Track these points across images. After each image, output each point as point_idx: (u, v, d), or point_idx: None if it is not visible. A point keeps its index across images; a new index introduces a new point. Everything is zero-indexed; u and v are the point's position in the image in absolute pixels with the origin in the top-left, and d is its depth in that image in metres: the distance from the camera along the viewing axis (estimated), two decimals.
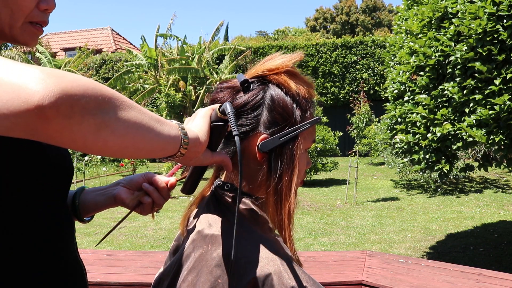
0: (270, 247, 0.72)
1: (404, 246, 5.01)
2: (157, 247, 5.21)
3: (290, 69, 0.77)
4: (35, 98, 0.43)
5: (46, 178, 0.71)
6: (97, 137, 0.48)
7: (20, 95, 0.43)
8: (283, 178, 0.74)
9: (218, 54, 13.69)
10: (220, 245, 0.70)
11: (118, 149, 0.52)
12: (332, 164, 9.76)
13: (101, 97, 0.48)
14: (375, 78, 14.77)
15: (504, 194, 7.88)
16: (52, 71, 0.46)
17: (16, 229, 0.66)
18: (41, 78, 0.44)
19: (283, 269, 0.69)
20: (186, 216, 0.84)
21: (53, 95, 0.43)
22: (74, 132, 0.46)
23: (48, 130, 0.45)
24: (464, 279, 1.85)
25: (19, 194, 0.66)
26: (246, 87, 0.74)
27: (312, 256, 2.28)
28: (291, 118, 0.75)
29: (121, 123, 0.50)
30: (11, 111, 0.42)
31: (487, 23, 2.59)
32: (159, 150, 0.58)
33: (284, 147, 0.74)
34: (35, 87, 0.43)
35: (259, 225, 0.75)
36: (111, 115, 0.49)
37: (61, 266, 0.73)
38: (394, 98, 3.64)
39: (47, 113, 0.43)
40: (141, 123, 0.53)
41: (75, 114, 0.45)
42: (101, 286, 1.91)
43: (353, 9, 40.66)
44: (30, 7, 0.67)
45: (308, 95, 0.78)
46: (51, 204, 0.72)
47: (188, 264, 0.71)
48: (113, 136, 0.49)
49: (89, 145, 0.48)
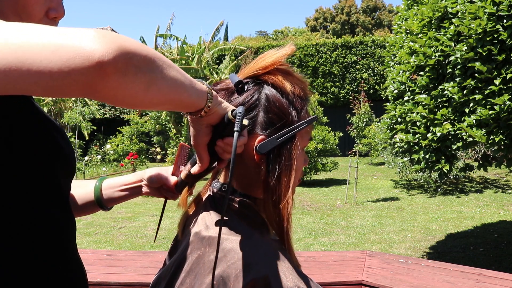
0: (268, 249, 0.71)
1: (404, 246, 5.01)
2: (157, 247, 5.21)
3: (284, 68, 0.76)
4: (96, 55, 0.45)
5: (59, 177, 0.71)
6: (146, 94, 0.52)
7: (81, 53, 0.45)
8: (281, 179, 0.73)
9: (218, 54, 13.70)
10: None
11: (160, 104, 0.56)
12: (332, 164, 9.76)
13: (149, 57, 0.51)
14: (375, 78, 14.77)
15: (504, 194, 7.88)
16: (104, 32, 0.48)
17: (23, 228, 0.66)
18: (98, 37, 0.47)
19: (281, 271, 0.68)
20: (184, 217, 0.84)
21: (112, 53, 0.46)
22: (127, 89, 0.49)
23: (105, 87, 0.47)
24: (464, 279, 1.85)
25: (30, 192, 0.67)
26: (240, 88, 0.73)
27: (312, 256, 2.28)
28: (287, 118, 0.74)
29: (165, 81, 0.54)
30: (72, 69, 0.45)
31: (487, 23, 2.59)
32: (190, 105, 0.63)
33: (282, 148, 0.73)
34: (95, 46, 0.46)
35: (257, 227, 0.75)
36: (157, 73, 0.52)
37: (65, 266, 0.73)
38: (394, 98, 3.64)
39: (107, 69, 0.46)
40: (180, 81, 0.57)
41: (129, 72, 0.48)
42: (101, 286, 1.91)
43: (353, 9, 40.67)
44: (39, 16, 0.68)
45: (303, 93, 0.78)
46: (57, 203, 0.72)
47: (186, 267, 0.71)
48: (158, 93, 0.53)
49: (137, 101, 0.52)
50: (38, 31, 0.47)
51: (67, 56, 0.45)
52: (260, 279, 0.66)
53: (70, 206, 0.78)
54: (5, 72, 0.45)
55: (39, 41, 0.45)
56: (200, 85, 0.63)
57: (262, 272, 0.67)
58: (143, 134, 13.19)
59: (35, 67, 0.45)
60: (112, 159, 12.71)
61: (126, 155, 11.94)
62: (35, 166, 0.67)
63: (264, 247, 0.71)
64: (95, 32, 0.47)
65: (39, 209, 0.68)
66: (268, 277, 0.66)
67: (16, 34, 0.46)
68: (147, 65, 0.51)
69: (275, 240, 0.76)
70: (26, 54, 0.45)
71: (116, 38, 0.48)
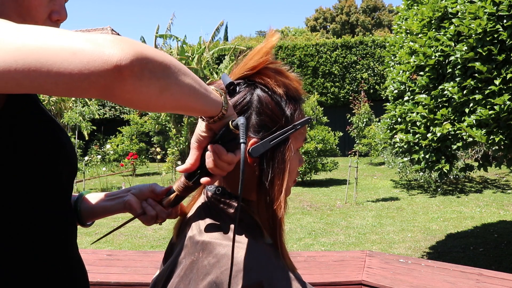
0: (261, 254, 0.70)
1: (404, 246, 5.01)
2: (157, 247, 5.21)
3: (275, 67, 0.74)
4: (114, 59, 0.48)
5: (60, 176, 0.71)
6: (159, 98, 0.54)
7: (101, 57, 0.48)
8: (275, 182, 0.72)
9: (218, 54, 13.70)
10: (211, 253, 0.68)
11: (173, 108, 0.59)
12: (332, 164, 9.75)
13: (164, 63, 0.54)
14: (375, 78, 14.77)
15: (504, 194, 7.88)
16: (122, 38, 0.51)
17: (23, 228, 0.66)
18: (117, 43, 0.49)
19: (274, 277, 0.67)
20: (180, 220, 0.84)
21: (129, 57, 0.49)
22: (142, 93, 0.52)
23: (122, 90, 0.50)
24: (464, 279, 1.85)
25: (30, 192, 0.67)
26: (232, 90, 0.72)
27: (312, 256, 2.28)
28: (280, 120, 0.72)
29: (179, 87, 0.56)
30: (92, 71, 0.48)
31: (487, 23, 2.58)
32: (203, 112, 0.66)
33: (275, 151, 0.72)
34: (113, 50, 0.49)
35: (250, 231, 0.73)
36: (172, 79, 0.55)
37: (66, 266, 0.73)
38: (394, 97, 3.64)
39: (123, 72, 0.49)
40: (194, 89, 0.60)
41: (144, 77, 0.51)
42: (101, 286, 1.91)
43: (353, 9, 40.65)
44: (42, 18, 0.69)
45: (296, 93, 0.76)
46: (58, 203, 0.72)
47: (180, 271, 0.70)
48: (171, 98, 0.56)
49: (151, 105, 0.55)
50: (58, 35, 0.49)
51: (88, 59, 0.48)
52: (253, 285, 0.65)
53: (72, 205, 0.78)
54: (23, 72, 0.47)
55: (59, 44, 0.48)
56: (215, 94, 0.65)
57: (255, 278, 0.65)
58: (143, 134, 13.18)
59: (56, 69, 0.47)
60: (112, 159, 12.70)
61: (126, 155, 11.94)
62: (35, 166, 0.67)
63: (257, 252, 0.69)
64: (114, 38, 0.50)
65: (39, 209, 0.68)
66: (261, 283, 0.65)
67: (36, 37, 0.49)
68: (162, 71, 0.53)
69: (269, 244, 0.74)
70: (46, 56, 0.48)
71: (134, 44, 0.51)
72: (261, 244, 0.72)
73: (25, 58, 0.47)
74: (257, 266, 0.67)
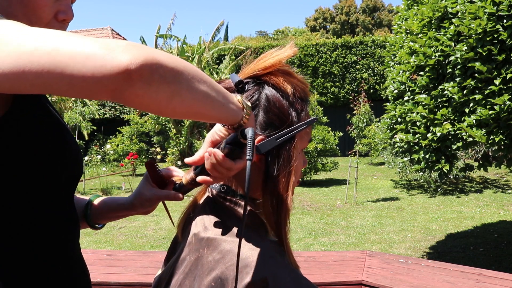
0: (266, 251, 0.70)
1: (404, 246, 5.01)
2: (157, 247, 5.21)
3: (284, 68, 0.75)
4: (124, 63, 0.49)
5: (61, 176, 0.71)
6: (169, 104, 0.55)
7: (113, 61, 0.49)
8: (280, 180, 0.73)
9: (218, 54, 13.70)
10: (216, 249, 0.69)
11: (185, 114, 0.59)
12: (332, 164, 9.75)
13: (176, 69, 0.54)
14: (375, 78, 14.76)
15: (504, 194, 7.88)
16: (135, 43, 0.53)
17: (23, 228, 0.66)
18: (129, 48, 0.51)
19: (278, 273, 0.68)
20: (184, 218, 0.84)
21: (139, 62, 0.50)
22: (152, 97, 0.52)
23: (131, 94, 0.51)
24: (464, 279, 1.85)
25: (30, 192, 0.67)
26: (241, 88, 0.73)
27: (312, 256, 2.28)
28: (287, 118, 0.74)
29: (191, 94, 0.56)
30: (104, 75, 0.49)
31: (487, 23, 2.58)
32: (220, 120, 0.66)
33: (281, 149, 0.73)
34: (125, 55, 0.50)
35: (255, 228, 0.74)
36: (183, 85, 0.55)
37: (66, 266, 0.73)
38: (394, 97, 3.64)
39: (133, 76, 0.49)
40: (210, 97, 0.59)
41: (154, 81, 0.51)
42: (101, 286, 1.91)
43: (353, 9, 40.66)
44: (48, 18, 0.69)
45: (304, 94, 0.77)
46: (58, 203, 0.72)
47: (184, 268, 0.71)
48: (181, 104, 0.56)
49: (161, 109, 0.55)
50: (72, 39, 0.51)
51: (100, 63, 0.49)
52: (258, 281, 0.65)
53: (74, 205, 0.78)
54: (37, 74, 0.49)
55: (73, 48, 0.50)
56: (236, 104, 0.65)
57: (260, 274, 0.66)
58: (143, 134, 13.17)
59: (69, 71, 0.49)
60: (112, 159, 12.69)
61: (126, 155, 11.93)
62: (35, 166, 0.67)
63: (262, 249, 0.70)
64: (127, 43, 0.52)
65: (39, 209, 0.68)
66: (266, 279, 0.66)
67: (51, 40, 0.50)
68: (173, 76, 0.53)
69: (273, 241, 0.75)
70: (60, 58, 0.49)
71: (146, 49, 0.52)
72: (265, 241, 0.73)
73: (39, 60, 0.49)
74: (262, 262, 0.68)
